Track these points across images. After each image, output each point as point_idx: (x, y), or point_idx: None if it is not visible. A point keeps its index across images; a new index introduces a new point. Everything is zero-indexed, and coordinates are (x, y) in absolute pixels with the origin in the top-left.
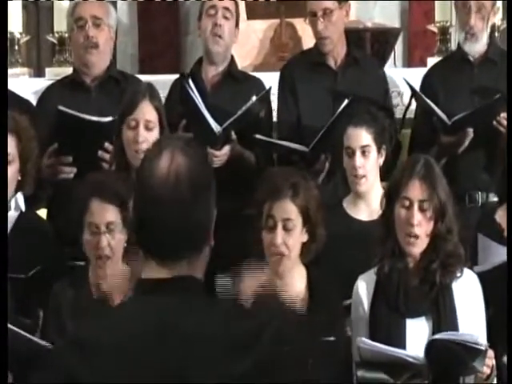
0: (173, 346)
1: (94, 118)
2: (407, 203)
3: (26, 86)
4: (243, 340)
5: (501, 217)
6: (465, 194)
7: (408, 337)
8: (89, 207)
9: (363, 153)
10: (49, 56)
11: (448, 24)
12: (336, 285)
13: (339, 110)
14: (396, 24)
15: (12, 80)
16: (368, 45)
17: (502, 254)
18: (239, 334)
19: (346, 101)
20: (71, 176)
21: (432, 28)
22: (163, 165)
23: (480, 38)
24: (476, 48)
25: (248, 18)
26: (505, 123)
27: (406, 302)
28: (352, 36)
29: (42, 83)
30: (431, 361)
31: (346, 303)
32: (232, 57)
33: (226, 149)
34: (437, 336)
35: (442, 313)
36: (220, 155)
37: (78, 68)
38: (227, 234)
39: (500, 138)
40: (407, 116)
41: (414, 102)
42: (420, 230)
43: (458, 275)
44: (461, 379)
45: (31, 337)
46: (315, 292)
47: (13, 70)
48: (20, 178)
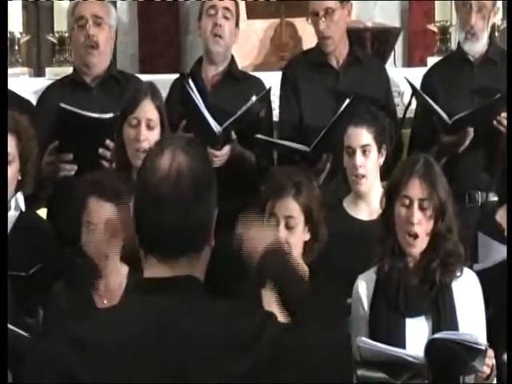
0: (173, 346)
1: (95, 115)
2: (407, 202)
3: (26, 86)
4: (243, 340)
5: (501, 217)
6: (465, 194)
7: (408, 336)
8: (87, 206)
9: (364, 152)
10: (49, 56)
11: (448, 24)
12: (338, 285)
13: (340, 110)
14: (396, 24)
15: (12, 80)
16: (368, 44)
17: (503, 252)
18: (239, 334)
19: (348, 100)
20: (72, 173)
21: (432, 28)
22: (165, 164)
23: (480, 38)
24: (476, 48)
25: (248, 18)
26: (505, 123)
27: (406, 302)
28: (352, 36)
29: (42, 83)
30: (431, 360)
31: (346, 303)
32: (232, 56)
33: (226, 149)
34: (437, 335)
35: (442, 312)
36: (220, 155)
37: (79, 67)
38: (227, 234)
39: (500, 138)
40: (407, 116)
41: (414, 102)
42: (420, 229)
43: (458, 274)
44: (461, 379)
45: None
46: (317, 292)
47: (13, 70)
48: (20, 178)
